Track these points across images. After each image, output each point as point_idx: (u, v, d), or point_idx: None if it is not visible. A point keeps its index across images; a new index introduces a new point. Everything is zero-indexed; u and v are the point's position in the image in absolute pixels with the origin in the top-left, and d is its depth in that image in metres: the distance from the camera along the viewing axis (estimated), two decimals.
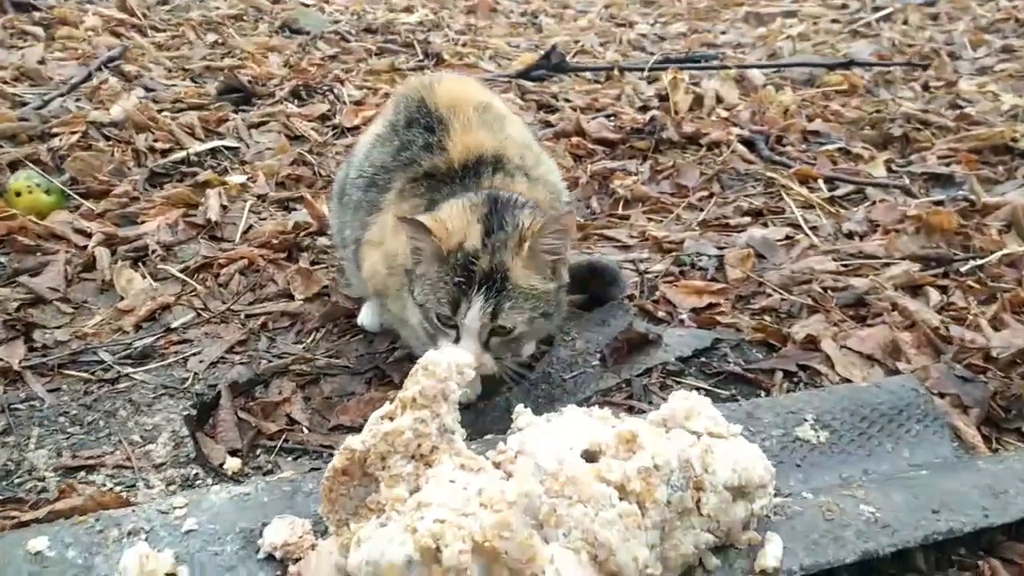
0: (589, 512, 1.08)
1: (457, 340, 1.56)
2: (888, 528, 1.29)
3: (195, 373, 1.89)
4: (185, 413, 1.73)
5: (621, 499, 1.11)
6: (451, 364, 1.29)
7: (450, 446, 1.28)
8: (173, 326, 2.05)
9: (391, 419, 1.27)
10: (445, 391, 1.28)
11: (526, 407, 1.45)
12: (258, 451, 1.66)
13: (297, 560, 1.27)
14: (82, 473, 1.58)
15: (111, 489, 1.52)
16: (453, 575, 1.03)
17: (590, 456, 1.23)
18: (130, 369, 1.89)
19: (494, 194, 1.61)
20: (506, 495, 1.07)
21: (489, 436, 1.52)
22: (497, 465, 1.27)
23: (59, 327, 2.04)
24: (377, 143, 1.86)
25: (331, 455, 1.62)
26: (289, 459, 1.64)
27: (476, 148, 1.72)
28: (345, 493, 1.25)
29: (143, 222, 2.55)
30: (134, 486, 1.55)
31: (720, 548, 1.23)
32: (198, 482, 1.57)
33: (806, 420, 1.58)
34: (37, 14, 4.39)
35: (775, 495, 1.33)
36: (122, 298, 2.16)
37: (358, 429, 1.70)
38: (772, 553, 1.21)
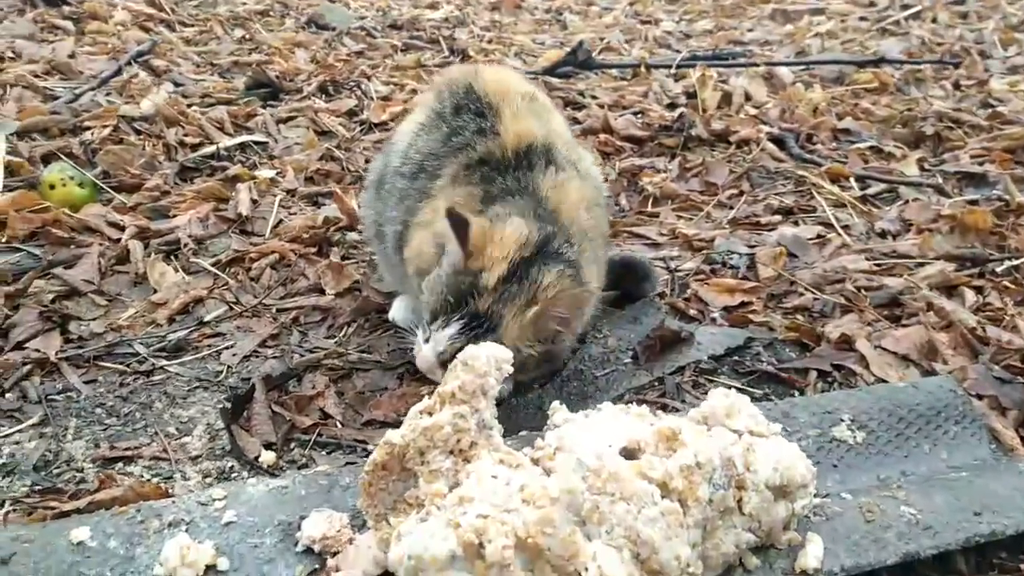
0: (631, 510, 1.08)
1: (426, 340, 1.57)
2: (930, 530, 1.28)
3: (228, 366, 1.90)
4: (220, 406, 1.73)
5: (663, 497, 1.11)
6: (490, 359, 1.29)
7: (488, 441, 1.28)
8: (206, 319, 2.06)
9: (430, 414, 1.27)
10: (484, 386, 1.28)
11: (561, 404, 1.46)
12: (292, 445, 1.67)
13: (335, 554, 1.28)
14: (120, 464, 1.59)
15: (149, 480, 1.53)
16: (496, 571, 1.03)
17: (629, 453, 1.23)
18: (164, 362, 1.91)
19: (546, 234, 1.58)
20: (549, 491, 1.07)
21: (524, 432, 1.52)
22: (536, 461, 1.26)
23: (94, 319, 2.05)
24: (422, 131, 1.85)
25: (365, 450, 1.65)
26: (323, 453, 1.65)
27: (527, 136, 1.71)
28: (384, 488, 1.26)
29: (174, 216, 2.56)
30: (171, 478, 1.56)
31: (760, 548, 1.22)
32: (234, 475, 1.58)
33: (842, 420, 1.57)
34: (67, 8, 4.42)
35: (815, 497, 1.32)
36: (155, 291, 2.18)
37: (391, 424, 1.73)
38: (813, 553, 1.20)
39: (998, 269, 2.23)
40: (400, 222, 1.82)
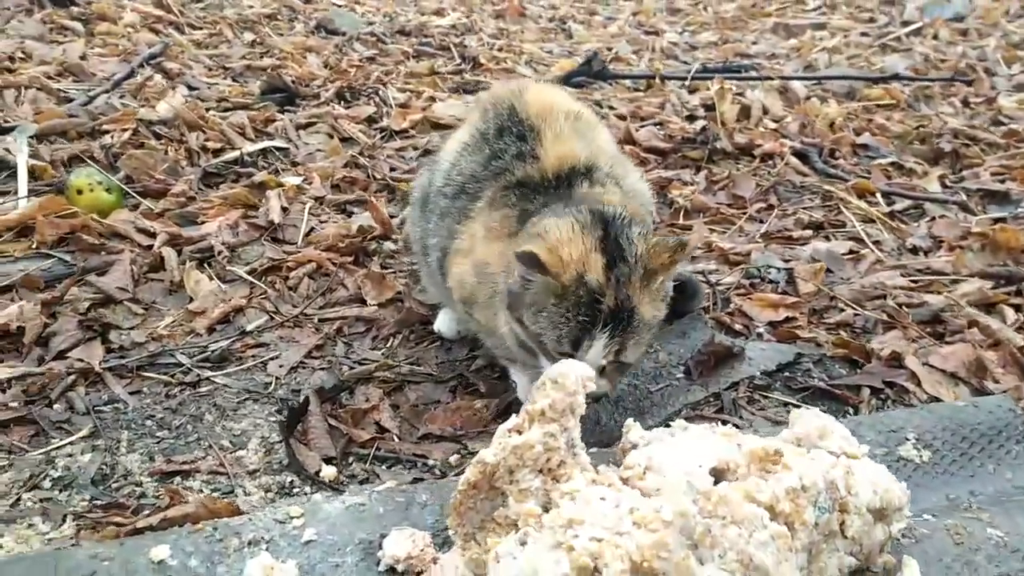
0: (743, 533, 1.07)
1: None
2: (1018, 552, 1.28)
3: (276, 378, 1.87)
4: (277, 419, 1.71)
5: (771, 520, 1.10)
6: (579, 377, 1.27)
7: (576, 460, 1.27)
8: (248, 329, 2.03)
9: (519, 432, 1.26)
10: (573, 405, 1.27)
11: (635, 421, 1.44)
12: (351, 459, 1.64)
13: (419, 573, 1.26)
14: (177, 479, 1.56)
15: (211, 495, 1.50)
16: None
17: (718, 474, 1.22)
18: (209, 372, 1.87)
19: (599, 211, 1.52)
20: (662, 515, 1.05)
21: (594, 450, 1.50)
22: (625, 481, 1.25)
23: (132, 328, 2.02)
24: (465, 152, 1.81)
25: (425, 464, 1.64)
26: (384, 467, 1.62)
27: (569, 158, 1.67)
28: (473, 507, 1.24)
29: (203, 222, 2.52)
30: (231, 492, 1.53)
31: (857, 571, 1.21)
32: (295, 490, 1.55)
33: (908, 439, 1.57)
34: (75, 9, 4.36)
35: None
36: (191, 299, 2.14)
37: (448, 438, 1.72)
38: None
39: None
40: (440, 248, 1.78)
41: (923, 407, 1.72)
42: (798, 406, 1.79)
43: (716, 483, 1.18)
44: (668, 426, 1.38)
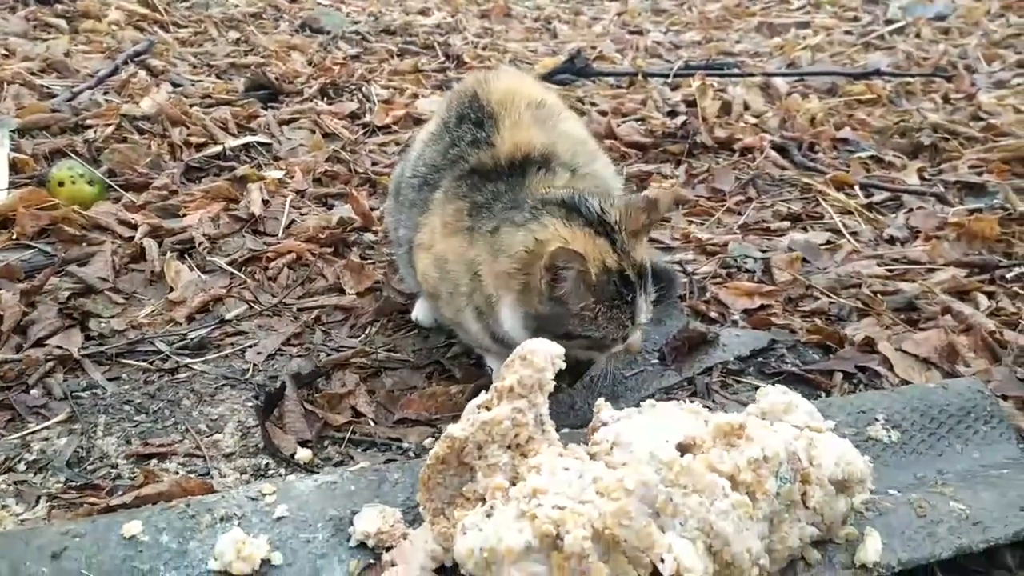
0: (704, 502, 1.09)
1: (625, 339, 1.58)
2: (979, 525, 1.30)
3: (254, 364, 1.88)
4: (254, 404, 1.72)
5: (732, 490, 1.12)
6: (548, 354, 1.29)
7: (544, 436, 1.29)
8: (227, 318, 2.04)
9: (488, 408, 1.27)
10: (542, 381, 1.28)
11: (606, 401, 1.46)
12: (326, 442, 1.66)
13: (389, 548, 1.27)
14: (154, 461, 1.57)
15: (185, 475, 1.51)
16: (574, 561, 1.03)
17: (684, 449, 1.24)
18: (188, 360, 1.88)
19: (569, 200, 1.52)
20: (624, 483, 1.07)
21: (565, 430, 1.52)
22: (592, 456, 1.27)
23: (112, 317, 2.03)
24: (430, 141, 1.81)
25: (400, 447, 1.65)
26: (359, 451, 1.63)
27: (524, 146, 1.65)
28: (442, 482, 1.25)
29: (184, 215, 2.53)
30: (207, 474, 1.54)
31: (819, 542, 1.23)
32: (270, 472, 1.57)
33: (877, 420, 1.59)
34: (59, 6, 4.36)
35: None
36: (171, 289, 2.15)
37: (423, 422, 1.73)
38: (872, 547, 1.22)
39: (1008, 275, 2.28)
40: (407, 239, 1.79)
41: (893, 389, 1.74)
42: None
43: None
44: (638, 406, 1.40)
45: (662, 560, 1.04)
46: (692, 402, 1.73)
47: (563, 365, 1.33)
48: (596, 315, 1.49)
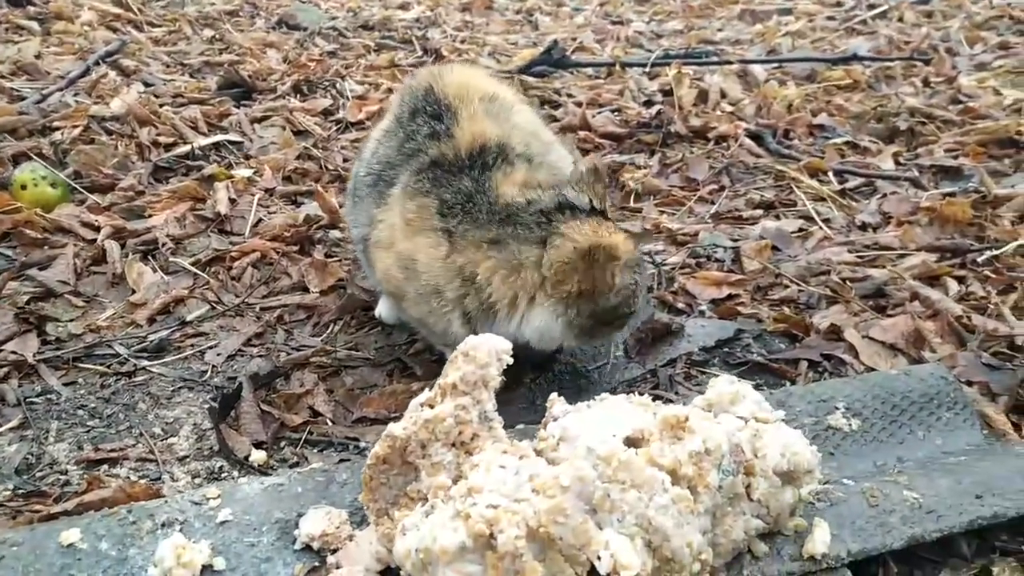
0: (643, 497, 1.07)
1: None
2: (933, 513, 1.28)
3: (213, 366, 1.86)
4: (207, 406, 1.70)
5: (673, 484, 1.10)
6: (492, 350, 1.27)
7: (491, 433, 1.27)
8: (188, 319, 2.02)
9: (431, 406, 1.25)
10: (485, 377, 1.26)
11: (559, 396, 1.44)
12: (282, 443, 1.64)
13: (335, 551, 1.25)
14: (105, 466, 1.55)
15: (137, 481, 1.49)
16: (508, 561, 1.01)
17: (633, 443, 1.21)
18: (146, 362, 1.86)
19: (542, 207, 1.57)
20: (560, 480, 1.05)
21: (521, 426, 1.51)
22: (539, 452, 1.25)
23: (71, 320, 2.01)
24: (383, 139, 1.79)
25: (357, 447, 1.63)
26: (315, 451, 1.62)
27: (480, 137, 1.66)
28: (385, 482, 1.23)
29: (150, 216, 2.51)
30: (159, 479, 1.52)
31: (767, 534, 1.21)
32: (224, 475, 1.55)
33: (837, 408, 1.57)
34: (32, 8, 4.33)
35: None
36: (134, 291, 2.13)
37: (383, 421, 1.70)
38: (820, 539, 1.20)
39: (979, 259, 2.26)
40: (363, 231, 1.77)
41: (855, 377, 1.72)
42: None
43: None
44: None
45: (599, 558, 1.02)
46: (654, 395, 1.75)
47: (510, 361, 1.31)
48: (637, 287, 1.60)
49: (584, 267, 1.51)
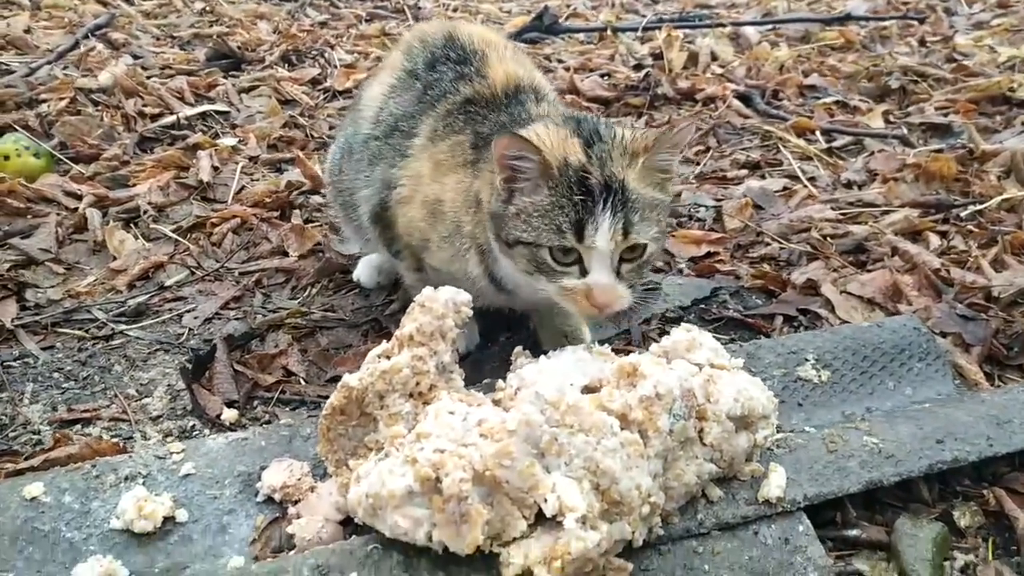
0: (591, 441, 1.07)
1: (583, 274, 1.33)
2: (892, 458, 1.28)
3: (190, 329, 1.87)
4: (180, 367, 1.71)
5: (623, 428, 1.10)
6: (449, 301, 1.28)
7: (448, 384, 1.27)
8: (167, 284, 2.03)
9: (388, 357, 1.26)
10: (443, 328, 1.27)
11: (524, 349, 1.45)
12: (255, 403, 1.65)
13: (296, 502, 1.26)
14: (78, 426, 1.56)
15: (100, 437, 1.51)
16: (453, 504, 1.01)
17: (591, 391, 1.22)
18: (124, 326, 1.87)
19: (567, 116, 1.47)
20: (507, 424, 1.05)
21: (488, 380, 1.51)
22: (497, 403, 1.25)
23: (52, 287, 2.02)
24: (393, 93, 1.75)
25: None
26: (287, 410, 1.62)
27: (514, 77, 1.63)
28: (343, 433, 1.24)
29: (133, 185, 2.52)
30: (131, 438, 1.53)
31: (723, 479, 1.22)
32: (195, 433, 1.55)
33: (807, 360, 1.57)
34: None
35: (778, 432, 1.32)
36: (115, 258, 2.14)
37: None
38: (775, 483, 1.20)
39: (962, 214, 2.24)
40: (377, 194, 1.70)
41: (827, 329, 1.71)
42: None
43: None
44: None
45: (545, 500, 1.03)
46: (626, 351, 1.75)
47: (469, 313, 1.31)
48: (541, 210, 1.33)
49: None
